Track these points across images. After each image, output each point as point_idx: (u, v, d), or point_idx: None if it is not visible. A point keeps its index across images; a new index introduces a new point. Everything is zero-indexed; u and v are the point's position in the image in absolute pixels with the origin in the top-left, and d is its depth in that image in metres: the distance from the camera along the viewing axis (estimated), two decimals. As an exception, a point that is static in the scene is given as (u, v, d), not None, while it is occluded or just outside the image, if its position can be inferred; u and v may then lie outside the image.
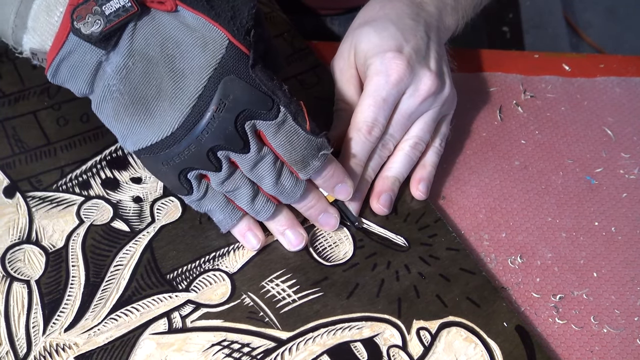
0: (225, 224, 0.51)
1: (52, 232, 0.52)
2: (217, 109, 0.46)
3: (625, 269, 0.55)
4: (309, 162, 0.48)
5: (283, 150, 0.48)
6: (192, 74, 0.46)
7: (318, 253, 0.53)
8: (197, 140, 0.46)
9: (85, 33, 0.45)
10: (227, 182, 0.49)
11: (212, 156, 0.47)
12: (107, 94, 0.47)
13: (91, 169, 0.56)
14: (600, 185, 0.60)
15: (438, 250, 0.53)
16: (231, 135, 0.46)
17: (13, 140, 0.57)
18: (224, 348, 0.48)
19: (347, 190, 0.52)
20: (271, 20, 0.69)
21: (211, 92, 0.46)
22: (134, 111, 0.47)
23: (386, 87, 0.53)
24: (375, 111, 0.53)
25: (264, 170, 0.48)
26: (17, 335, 0.47)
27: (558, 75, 0.68)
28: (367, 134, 0.53)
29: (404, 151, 0.56)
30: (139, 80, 0.46)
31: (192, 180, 0.49)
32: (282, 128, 0.47)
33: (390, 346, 0.48)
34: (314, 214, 0.52)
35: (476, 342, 0.49)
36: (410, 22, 0.56)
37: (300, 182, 0.50)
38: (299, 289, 0.51)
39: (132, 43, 0.46)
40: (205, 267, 0.51)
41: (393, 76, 0.53)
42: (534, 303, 0.53)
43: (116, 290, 0.50)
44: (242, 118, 0.46)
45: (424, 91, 0.54)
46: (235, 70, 0.46)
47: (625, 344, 0.51)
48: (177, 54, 0.46)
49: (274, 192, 0.49)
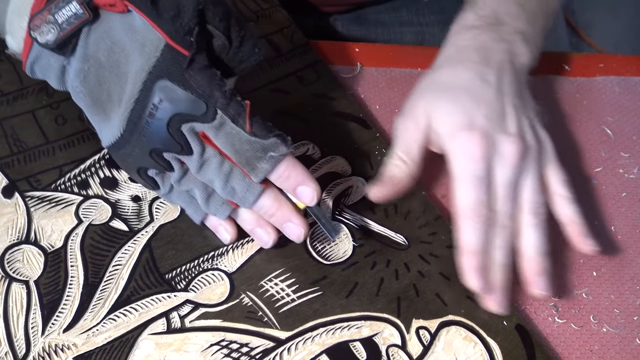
0: (194, 218, 0.52)
1: (50, 232, 0.52)
2: (149, 114, 0.46)
3: (625, 268, 0.55)
4: (255, 164, 0.46)
5: (228, 152, 0.47)
6: (132, 78, 0.46)
7: (317, 252, 0.53)
8: (139, 144, 0.47)
9: (41, 42, 0.46)
10: (183, 182, 0.49)
11: (158, 157, 0.47)
12: (75, 94, 0.49)
13: (90, 168, 0.56)
14: (600, 185, 0.60)
15: (438, 248, 0.53)
16: (166, 139, 0.46)
17: (12, 140, 0.57)
18: (223, 348, 0.48)
19: (311, 193, 0.48)
20: (270, 16, 0.68)
21: (146, 96, 0.45)
22: (96, 112, 0.49)
23: (473, 166, 0.50)
24: (473, 190, 0.50)
25: (211, 173, 0.47)
26: (16, 336, 0.47)
27: (558, 75, 0.68)
28: (476, 217, 0.50)
29: (529, 224, 0.52)
30: (93, 84, 0.48)
31: (155, 177, 0.50)
32: (221, 130, 0.46)
33: (389, 345, 0.48)
34: (277, 222, 0.50)
35: (476, 341, 0.49)
36: (480, 84, 0.54)
37: (254, 186, 0.48)
38: (297, 288, 0.51)
39: (86, 48, 0.47)
40: (204, 267, 0.51)
41: (475, 154, 0.50)
42: (533, 302, 0.53)
43: (115, 290, 0.50)
44: (175, 122, 0.45)
45: (511, 157, 0.51)
46: (169, 73, 0.45)
47: (624, 343, 0.51)
48: (121, 58, 0.47)
49: (224, 195, 0.48)
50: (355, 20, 0.83)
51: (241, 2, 0.70)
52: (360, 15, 0.83)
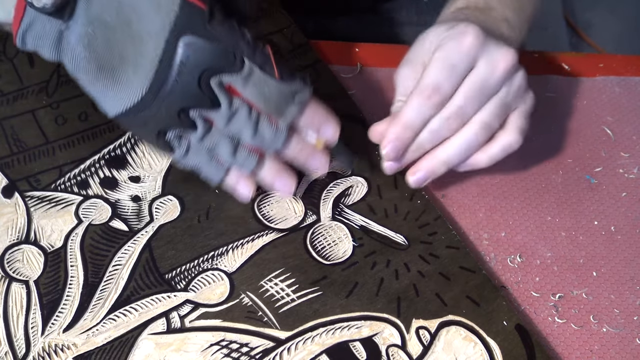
0: (213, 178, 0.51)
1: (50, 231, 0.52)
2: (178, 72, 0.45)
3: (625, 268, 0.55)
4: (284, 109, 0.47)
5: (256, 101, 0.47)
6: (150, 38, 0.45)
7: (317, 252, 0.53)
8: (166, 104, 0.46)
9: (37, 6, 0.44)
10: (206, 139, 0.48)
11: (184, 116, 0.47)
12: (76, 62, 0.47)
13: (89, 168, 0.56)
14: (600, 185, 0.60)
15: (438, 248, 0.53)
16: (196, 95, 0.46)
17: (11, 140, 0.57)
18: (223, 348, 0.48)
19: (333, 129, 0.50)
20: (270, 16, 0.68)
21: (170, 54, 0.45)
22: (102, 77, 0.46)
23: (456, 52, 0.49)
24: (440, 75, 0.49)
25: (240, 124, 0.47)
26: (15, 335, 0.47)
27: (558, 75, 0.68)
28: (426, 98, 0.49)
29: (466, 134, 0.51)
30: (101, 48, 0.46)
31: (173, 140, 0.48)
32: (249, 80, 0.46)
33: (389, 345, 0.48)
34: (301, 160, 0.51)
35: (475, 341, 0.49)
36: None
37: (281, 130, 0.48)
38: (297, 288, 0.51)
39: (88, 10, 0.45)
40: (204, 267, 0.51)
41: (465, 42, 0.49)
42: (533, 302, 0.53)
43: (115, 290, 0.50)
44: (205, 77, 0.45)
45: (501, 63, 0.49)
46: (191, 28, 0.45)
47: (624, 343, 0.51)
48: (133, 18, 0.45)
49: (254, 142, 0.48)
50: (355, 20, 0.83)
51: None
52: (360, 16, 0.83)
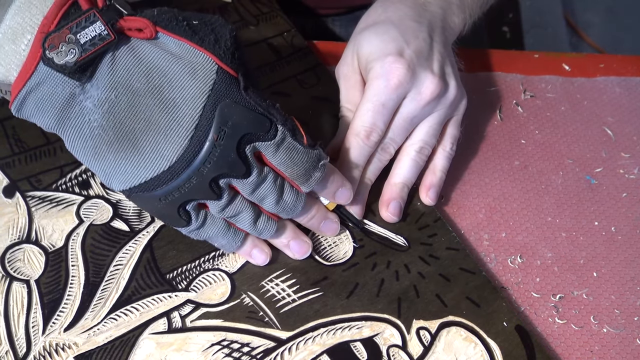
0: (229, 247, 0.50)
1: (51, 231, 0.52)
2: (217, 137, 0.44)
3: (625, 268, 0.55)
4: (311, 174, 0.47)
5: (284, 167, 0.47)
6: (185, 103, 0.44)
7: (318, 253, 0.53)
8: (199, 172, 0.44)
9: (58, 63, 0.42)
10: (228, 209, 0.47)
11: (215, 185, 0.45)
12: (86, 130, 0.44)
13: (91, 168, 0.56)
14: (600, 185, 0.60)
15: (438, 250, 0.53)
16: (234, 162, 0.44)
17: (13, 140, 0.57)
18: (224, 348, 0.48)
19: (348, 193, 0.51)
20: (271, 19, 0.69)
21: (208, 120, 0.44)
22: (119, 147, 0.44)
23: (385, 92, 0.52)
24: (374, 116, 0.52)
25: (266, 191, 0.47)
26: (16, 335, 0.47)
27: (558, 75, 0.68)
28: (365, 138, 0.53)
29: (409, 156, 0.55)
30: (124, 114, 0.44)
31: (191, 211, 0.47)
32: (281, 147, 0.46)
33: (390, 346, 0.48)
34: (315, 223, 0.52)
35: (476, 342, 0.49)
36: (412, 24, 0.55)
37: (301, 195, 0.49)
38: (298, 288, 0.51)
39: (112, 74, 0.43)
40: (205, 267, 0.51)
41: (393, 80, 0.52)
42: (533, 303, 0.53)
43: (116, 289, 0.50)
44: (244, 143, 0.45)
45: (426, 95, 0.53)
46: (229, 94, 0.44)
47: (625, 344, 0.51)
48: (164, 84, 0.44)
49: (275, 210, 0.48)
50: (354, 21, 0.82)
51: (242, 6, 0.70)
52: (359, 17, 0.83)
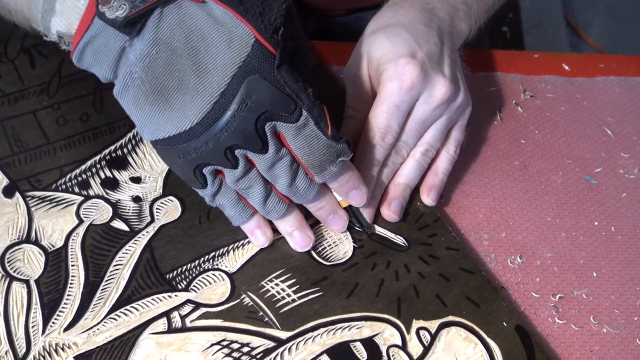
0: (235, 219, 0.51)
1: (51, 231, 0.52)
2: (238, 108, 0.44)
3: (625, 268, 0.55)
4: (326, 167, 0.48)
5: (302, 153, 0.47)
6: (216, 70, 0.45)
7: (318, 253, 0.53)
8: (216, 138, 0.45)
9: (109, 17, 0.44)
10: (242, 180, 0.48)
11: (230, 154, 0.46)
12: (128, 80, 0.46)
13: (90, 168, 0.56)
14: (600, 185, 0.60)
15: (438, 250, 0.53)
16: (250, 135, 0.45)
17: (12, 140, 0.57)
18: (224, 348, 0.48)
19: (361, 196, 0.51)
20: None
21: (234, 90, 0.44)
22: (154, 100, 0.46)
23: (400, 94, 0.53)
24: (389, 117, 0.53)
25: (281, 171, 0.47)
26: (16, 334, 0.47)
27: (558, 75, 0.68)
28: (381, 140, 0.53)
29: (414, 158, 0.56)
30: (161, 70, 0.45)
31: (207, 175, 0.48)
32: (302, 132, 0.46)
33: (389, 346, 0.48)
34: (323, 215, 0.52)
35: (476, 342, 0.49)
36: (423, 28, 0.55)
37: (314, 184, 0.49)
38: (298, 288, 0.51)
39: (157, 31, 0.45)
40: (205, 267, 0.51)
41: (406, 82, 0.52)
42: (533, 303, 0.53)
43: (116, 289, 0.50)
44: (262, 119, 0.45)
45: (438, 97, 0.54)
46: (260, 69, 0.45)
47: (624, 344, 0.51)
48: (201, 47, 0.45)
49: (287, 192, 0.49)
50: (355, 21, 0.83)
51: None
52: (361, 17, 0.83)
